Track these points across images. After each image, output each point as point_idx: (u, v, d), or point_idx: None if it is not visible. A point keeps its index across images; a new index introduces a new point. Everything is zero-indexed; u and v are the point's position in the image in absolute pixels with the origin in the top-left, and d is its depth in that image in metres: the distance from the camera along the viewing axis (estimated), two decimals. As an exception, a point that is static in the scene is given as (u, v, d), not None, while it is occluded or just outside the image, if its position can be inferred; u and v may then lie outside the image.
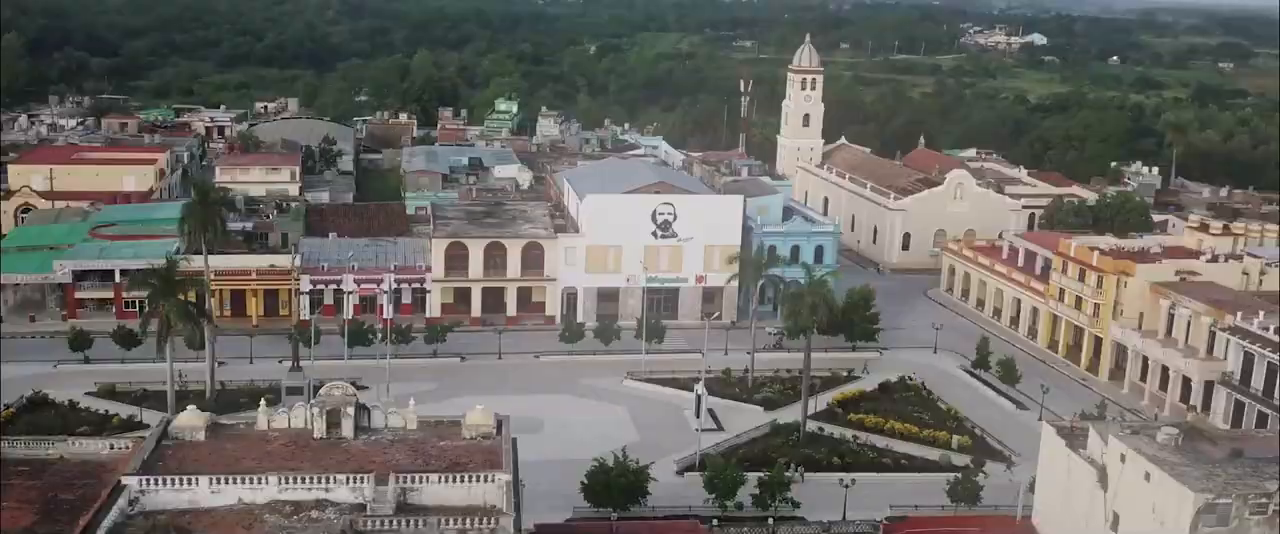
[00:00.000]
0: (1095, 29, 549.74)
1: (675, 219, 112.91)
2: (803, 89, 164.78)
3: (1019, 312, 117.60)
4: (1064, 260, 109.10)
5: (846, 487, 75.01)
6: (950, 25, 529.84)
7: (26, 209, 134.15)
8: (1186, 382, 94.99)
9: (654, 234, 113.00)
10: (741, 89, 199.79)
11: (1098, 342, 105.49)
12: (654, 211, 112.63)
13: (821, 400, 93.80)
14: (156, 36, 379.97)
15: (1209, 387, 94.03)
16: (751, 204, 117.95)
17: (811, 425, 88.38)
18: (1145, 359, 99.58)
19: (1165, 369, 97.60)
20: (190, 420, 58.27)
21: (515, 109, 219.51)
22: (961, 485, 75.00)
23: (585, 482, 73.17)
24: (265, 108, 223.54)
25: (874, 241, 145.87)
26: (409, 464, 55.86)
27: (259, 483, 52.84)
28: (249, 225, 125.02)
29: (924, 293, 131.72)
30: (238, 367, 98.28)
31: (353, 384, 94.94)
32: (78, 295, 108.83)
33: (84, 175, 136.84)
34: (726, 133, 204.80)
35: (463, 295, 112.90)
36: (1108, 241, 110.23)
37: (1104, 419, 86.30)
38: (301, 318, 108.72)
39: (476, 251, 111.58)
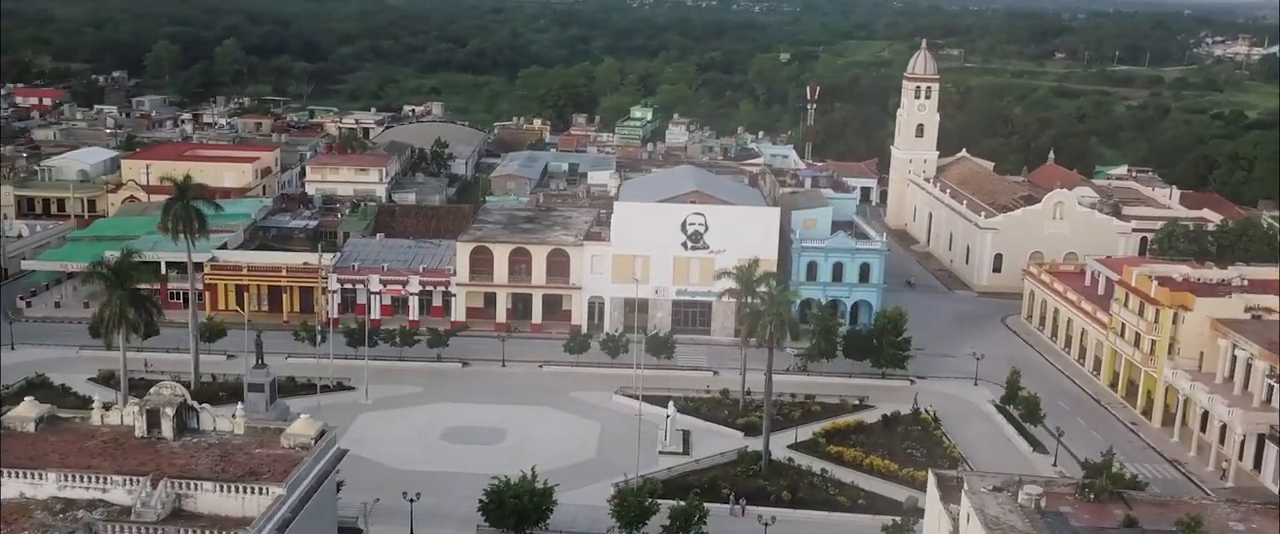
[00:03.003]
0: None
1: (706, 230, 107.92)
2: (917, 98, 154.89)
3: (1086, 344, 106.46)
4: (1126, 291, 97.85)
5: (766, 524, 69.28)
6: (1186, 35, 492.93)
7: (132, 201, 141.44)
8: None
9: (684, 245, 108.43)
10: (809, 97, 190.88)
11: (1155, 383, 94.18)
12: (684, 222, 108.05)
13: (808, 429, 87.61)
14: (366, 43, 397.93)
15: (1261, 441, 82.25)
16: (798, 217, 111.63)
17: (785, 455, 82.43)
18: (1201, 407, 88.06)
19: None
20: (24, 411, 58.71)
21: (649, 116, 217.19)
22: (891, 532, 67.87)
23: (483, 500, 70.15)
24: (413, 111, 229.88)
25: (966, 261, 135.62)
26: (207, 470, 54.37)
27: (39, 479, 52.71)
28: (313, 223, 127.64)
29: (1002, 320, 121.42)
30: (246, 360, 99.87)
31: (339, 384, 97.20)
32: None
33: (185, 172, 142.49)
34: (861, 142, 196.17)
35: (490, 300, 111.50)
36: (1180, 270, 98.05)
37: (1110, 468, 76.90)
38: (330, 316, 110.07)
39: (501, 256, 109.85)
